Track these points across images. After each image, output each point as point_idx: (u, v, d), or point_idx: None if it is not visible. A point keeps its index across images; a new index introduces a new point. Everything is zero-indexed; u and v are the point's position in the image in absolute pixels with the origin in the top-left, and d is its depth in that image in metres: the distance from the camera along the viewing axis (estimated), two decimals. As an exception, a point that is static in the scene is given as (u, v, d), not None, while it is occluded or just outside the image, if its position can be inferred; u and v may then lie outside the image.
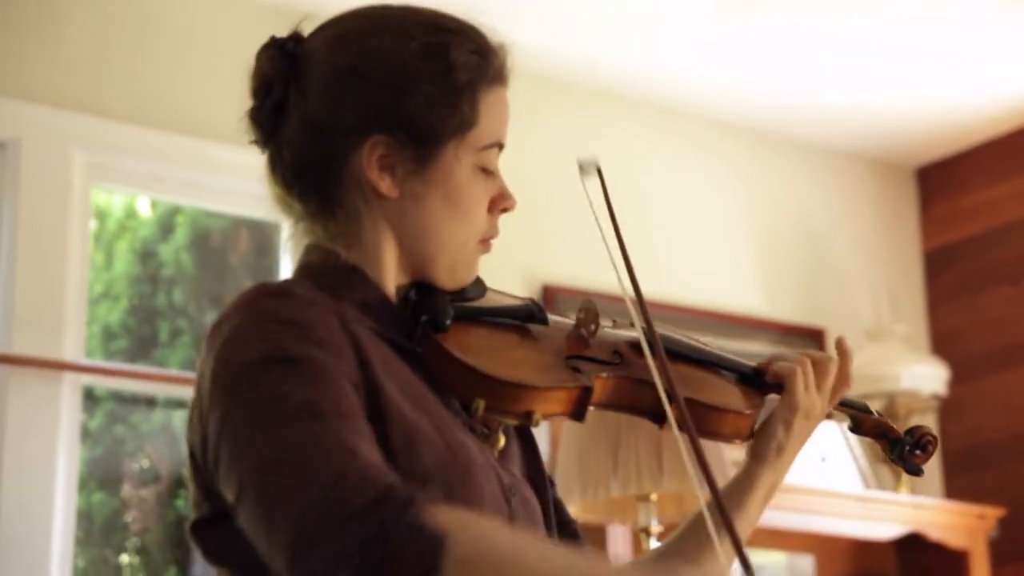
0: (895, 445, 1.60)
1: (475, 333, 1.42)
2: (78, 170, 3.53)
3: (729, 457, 2.87)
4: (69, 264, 3.47)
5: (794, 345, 4.65)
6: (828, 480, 4.07)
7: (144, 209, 3.90)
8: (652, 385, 1.42)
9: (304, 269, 1.43)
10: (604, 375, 1.44)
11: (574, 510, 3.10)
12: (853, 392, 1.63)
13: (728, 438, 1.54)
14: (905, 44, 4.21)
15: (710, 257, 4.59)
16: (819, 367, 1.57)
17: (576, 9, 3.99)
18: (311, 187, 1.42)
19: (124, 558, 3.74)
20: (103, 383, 3.64)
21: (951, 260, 4.94)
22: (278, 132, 1.43)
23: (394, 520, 1.12)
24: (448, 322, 1.39)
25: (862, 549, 4.39)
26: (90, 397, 3.63)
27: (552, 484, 1.55)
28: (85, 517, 3.59)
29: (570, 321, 1.50)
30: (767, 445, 1.56)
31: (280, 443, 1.20)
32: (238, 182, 3.65)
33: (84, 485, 3.59)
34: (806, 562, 4.18)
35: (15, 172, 3.45)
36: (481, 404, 1.36)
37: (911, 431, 1.61)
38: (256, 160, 1.48)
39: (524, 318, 1.47)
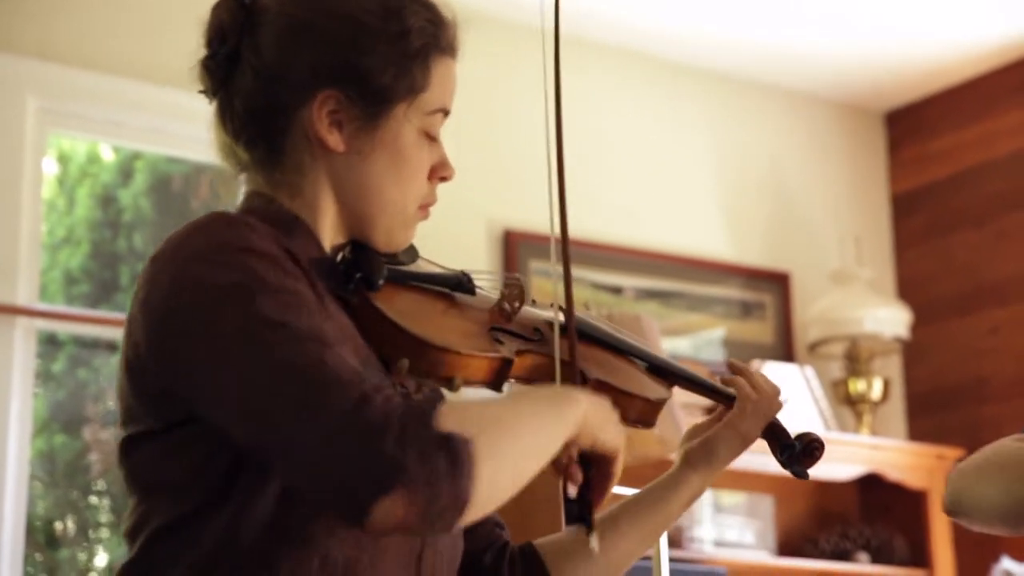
0: (785, 448, 1.65)
1: (405, 296, 1.46)
2: (32, 115, 3.55)
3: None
4: (23, 210, 3.49)
5: (760, 289, 4.67)
6: (789, 421, 4.07)
7: (107, 154, 3.92)
8: (568, 364, 1.48)
9: (248, 213, 1.45)
10: (524, 350, 1.49)
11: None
12: (819, 334, 1.67)
13: (633, 423, 1.58)
14: (868, -12, 4.22)
15: (676, 202, 4.61)
16: (764, 393, 1.63)
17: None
18: (259, 136, 1.45)
19: (92, 499, 3.78)
20: (64, 328, 3.67)
21: (918, 204, 4.96)
22: (230, 82, 1.46)
23: (425, 432, 1.19)
24: (381, 282, 1.43)
25: (822, 489, 4.43)
26: (52, 342, 3.67)
27: None
28: (48, 459, 3.64)
29: (495, 296, 1.54)
30: (703, 457, 1.63)
31: (299, 362, 1.23)
32: (199, 128, 3.62)
33: (46, 428, 3.64)
34: (766, 502, 4.21)
35: (-31, 118, 3.46)
36: (405, 364, 1.40)
37: (800, 436, 1.65)
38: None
39: (452, 287, 1.52)
